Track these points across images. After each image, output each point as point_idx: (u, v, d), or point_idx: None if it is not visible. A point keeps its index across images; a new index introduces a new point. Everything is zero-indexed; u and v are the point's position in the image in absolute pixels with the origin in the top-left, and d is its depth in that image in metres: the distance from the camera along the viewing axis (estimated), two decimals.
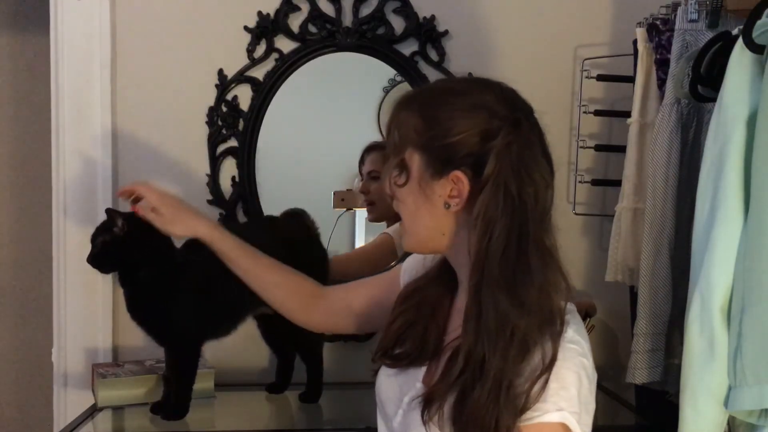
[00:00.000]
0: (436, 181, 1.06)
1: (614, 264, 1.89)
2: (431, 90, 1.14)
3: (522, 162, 1.03)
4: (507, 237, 1.01)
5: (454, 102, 1.07)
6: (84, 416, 1.77)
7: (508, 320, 0.99)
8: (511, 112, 1.06)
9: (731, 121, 1.26)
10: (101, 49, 2.03)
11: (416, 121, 1.08)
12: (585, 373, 1.02)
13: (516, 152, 1.02)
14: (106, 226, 1.63)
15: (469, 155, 1.04)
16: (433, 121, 1.06)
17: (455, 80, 1.18)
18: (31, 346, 2.71)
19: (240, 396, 1.92)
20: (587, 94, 2.11)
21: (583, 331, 1.06)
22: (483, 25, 2.14)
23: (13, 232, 2.76)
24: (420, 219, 1.10)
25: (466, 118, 1.04)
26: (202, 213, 1.50)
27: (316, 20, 2.09)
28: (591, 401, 1.03)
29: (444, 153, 1.05)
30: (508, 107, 1.07)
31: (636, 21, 1.86)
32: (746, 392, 1.18)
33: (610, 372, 2.12)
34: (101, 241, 1.63)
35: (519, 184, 1.02)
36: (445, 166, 1.05)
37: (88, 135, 2.03)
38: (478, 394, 0.98)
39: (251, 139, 2.08)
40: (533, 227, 1.03)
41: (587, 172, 2.15)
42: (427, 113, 1.07)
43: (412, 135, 1.08)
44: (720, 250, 1.24)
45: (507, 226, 1.01)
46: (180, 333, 1.67)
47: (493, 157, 1.02)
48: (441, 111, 1.06)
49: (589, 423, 1.03)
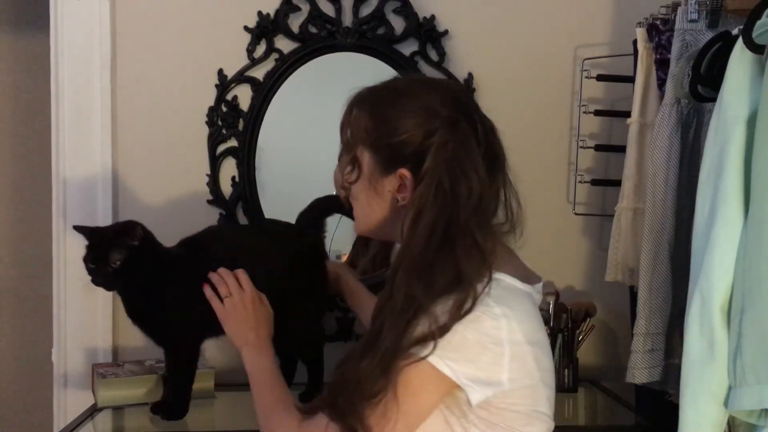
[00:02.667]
0: (385, 178, 1.15)
1: (614, 264, 1.89)
2: (382, 90, 1.20)
3: (456, 159, 1.09)
4: (432, 227, 1.08)
5: (402, 103, 1.14)
6: (84, 416, 1.77)
7: (414, 301, 1.05)
8: (454, 112, 1.12)
9: (731, 121, 1.26)
10: (101, 49, 2.03)
11: (366, 121, 1.16)
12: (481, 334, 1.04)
13: (451, 150, 1.10)
14: (114, 242, 1.57)
15: (413, 153, 1.12)
16: (381, 121, 1.14)
17: (406, 80, 1.24)
18: (31, 346, 2.71)
19: (240, 396, 1.92)
20: (587, 94, 2.11)
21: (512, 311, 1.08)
22: (483, 25, 2.15)
23: (13, 232, 2.76)
24: (371, 212, 1.19)
25: (411, 118, 1.12)
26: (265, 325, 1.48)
27: (316, 20, 2.09)
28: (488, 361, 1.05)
29: (391, 151, 1.14)
30: (451, 107, 1.13)
31: (636, 21, 1.86)
32: (746, 392, 1.18)
33: (610, 372, 2.12)
34: (118, 258, 1.56)
35: (452, 180, 1.09)
36: (393, 163, 1.14)
37: (88, 135, 2.04)
38: (365, 362, 1.05)
39: (251, 139, 2.08)
40: (464, 219, 1.08)
41: (587, 172, 2.15)
42: (377, 113, 1.16)
43: (363, 134, 1.16)
44: (720, 250, 1.24)
45: (434, 217, 1.08)
46: (177, 333, 1.66)
47: (431, 154, 1.10)
48: (389, 111, 1.14)
49: (479, 377, 1.05)
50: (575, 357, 2.00)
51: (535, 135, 2.16)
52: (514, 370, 1.07)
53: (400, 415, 1.06)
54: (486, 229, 1.11)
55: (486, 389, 1.06)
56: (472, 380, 1.05)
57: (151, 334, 1.69)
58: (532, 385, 1.10)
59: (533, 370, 1.09)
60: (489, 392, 1.06)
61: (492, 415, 1.08)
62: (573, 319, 2.00)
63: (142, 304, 1.66)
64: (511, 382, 1.07)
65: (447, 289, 1.05)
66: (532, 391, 1.10)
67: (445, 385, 1.06)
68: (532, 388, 1.10)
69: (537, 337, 1.11)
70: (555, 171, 2.18)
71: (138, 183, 2.08)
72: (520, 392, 1.09)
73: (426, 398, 1.07)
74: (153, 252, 1.63)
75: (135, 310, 1.67)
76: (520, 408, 1.09)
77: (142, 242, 1.59)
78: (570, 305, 2.02)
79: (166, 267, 1.63)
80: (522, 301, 1.12)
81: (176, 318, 1.64)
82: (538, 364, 1.10)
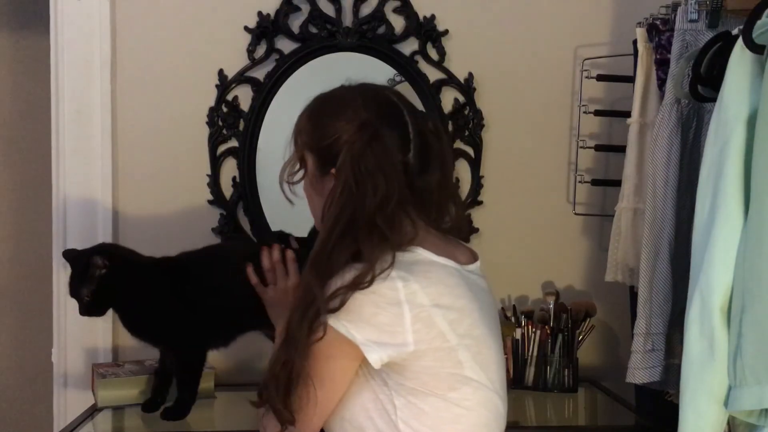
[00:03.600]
0: (324, 177, 1.22)
1: (614, 264, 1.89)
2: (323, 97, 1.28)
3: (362, 158, 1.16)
4: (335, 221, 1.15)
5: (333, 108, 1.23)
6: (84, 416, 1.77)
7: (310, 291, 1.12)
8: (373, 115, 1.19)
9: (731, 121, 1.26)
10: (101, 49, 2.03)
11: (307, 126, 1.25)
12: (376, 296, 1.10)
13: (358, 149, 1.17)
14: (83, 275, 1.59)
15: (337, 155, 1.19)
16: (317, 126, 1.23)
17: (344, 88, 1.29)
18: (31, 346, 2.71)
19: (240, 396, 1.92)
20: (587, 94, 2.11)
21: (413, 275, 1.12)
22: (483, 25, 2.15)
23: (13, 232, 2.76)
24: (318, 208, 1.25)
25: (338, 122, 1.20)
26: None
27: (316, 20, 2.09)
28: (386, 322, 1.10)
29: (324, 153, 1.22)
30: (372, 110, 1.20)
31: (636, 21, 1.86)
32: (746, 392, 1.18)
33: (610, 372, 2.12)
34: (89, 292, 1.60)
35: (357, 178, 1.15)
36: (327, 164, 1.21)
37: (88, 135, 2.04)
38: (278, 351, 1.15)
39: (252, 139, 2.08)
40: (368, 215, 1.14)
41: (587, 172, 2.15)
42: (314, 118, 1.25)
43: (306, 138, 1.25)
44: (720, 250, 1.24)
45: (338, 213, 1.15)
46: (175, 340, 1.69)
47: (342, 154, 1.18)
48: (323, 117, 1.23)
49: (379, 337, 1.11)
50: (575, 357, 2.00)
51: (535, 135, 2.16)
52: (419, 331, 1.10)
53: (317, 385, 1.13)
54: (394, 223, 1.16)
55: (386, 349, 1.10)
56: (370, 340, 1.10)
57: (153, 344, 1.73)
58: (449, 348, 1.13)
59: (447, 333, 1.12)
60: (391, 352, 1.10)
61: (408, 380, 1.12)
62: (573, 319, 2.00)
63: (134, 319, 1.69)
64: (417, 344, 1.10)
65: (341, 269, 1.12)
66: (448, 354, 1.13)
67: (348, 347, 1.11)
68: (447, 350, 1.13)
69: (452, 302, 1.14)
70: (555, 171, 2.18)
71: (138, 183, 2.08)
72: (433, 354, 1.12)
73: (336, 364, 1.14)
74: (129, 271, 1.64)
75: (130, 325, 1.70)
76: (437, 371, 1.13)
77: (110, 268, 1.61)
78: (570, 305, 2.02)
79: (148, 281, 1.65)
80: (431, 268, 1.16)
81: (170, 327, 1.66)
82: (454, 328, 1.13)
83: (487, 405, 1.18)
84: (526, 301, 2.16)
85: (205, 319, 1.65)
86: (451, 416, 1.14)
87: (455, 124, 2.14)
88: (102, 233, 2.03)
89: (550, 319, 2.00)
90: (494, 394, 1.19)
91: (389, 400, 1.14)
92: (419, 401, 1.13)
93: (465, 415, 1.15)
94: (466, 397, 1.15)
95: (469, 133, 2.14)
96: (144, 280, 1.66)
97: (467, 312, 1.16)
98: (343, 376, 1.15)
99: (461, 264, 1.22)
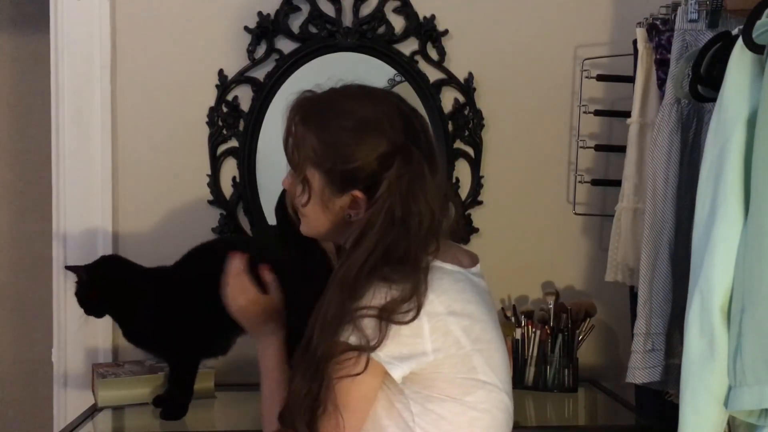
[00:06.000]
0: (337, 197, 1.17)
1: (614, 264, 1.89)
2: (324, 107, 1.19)
3: (411, 192, 1.12)
4: (372, 250, 1.11)
5: (350, 126, 1.15)
6: (84, 416, 1.77)
7: (343, 313, 1.09)
8: (403, 134, 1.15)
9: (731, 121, 1.26)
10: (101, 49, 2.03)
11: (314, 143, 1.16)
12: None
13: (406, 184, 1.12)
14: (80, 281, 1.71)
15: (367, 177, 1.14)
16: (331, 147, 1.15)
17: (347, 95, 1.20)
18: (31, 346, 2.70)
19: (240, 396, 1.92)
20: (587, 94, 2.11)
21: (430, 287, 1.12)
22: (483, 25, 2.15)
23: (13, 232, 2.76)
24: (320, 224, 1.21)
25: (362, 143, 1.14)
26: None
27: (316, 20, 2.09)
28: (408, 334, 1.09)
29: (345, 176, 1.16)
30: (399, 128, 1.15)
31: (636, 21, 1.86)
32: (746, 392, 1.18)
33: (610, 372, 2.12)
34: (78, 294, 1.70)
35: (404, 211, 1.12)
36: (346, 186, 1.16)
37: (88, 135, 2.04)
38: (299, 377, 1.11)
39: (252, 139, 2.08)
40: (410, 246, 1.12)
41: (587, 172, 2.15)
42: (324, 137, 1.16)
43: (312, 155, 1.17)
44: (720, 250, 1.24)
45: (376, 241, 1.11)
46: (176, 350, 1.70)
47: (386, 184, 1.12)
48: (337, 136, 1.15)
49: (401, 352, 1.10)
50: (575, 357, 2.00)
51: (535, 135, 2.16)
52: (437, 340, 1.11)
53: (342, 409, 1.10)
54: (428, 248, 1.15)
55: (409, 363, 1.10)
56: (394, 357, 1.09)
57: (152, 353, 1.77)
58: (463, 354, 1.13)
59: (461, 339, 1.13)
60: (412, 365, 1.10)
61: (424, 387, 1.13)
62: (573, 319, 2.00)
63: (127, 329, 1.74)
64: (435, 353, 1.11)
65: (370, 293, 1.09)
66: (462, 360, 1.13)
67: (371, 365, 1.10)
68: (462, 357, 1.13)
69: (463, 308, 1.15)
70: (555, 171, 2.18)
71: (138, 183, 2.08)
72: (449, 361, 1.12)
73: (361, 384, 1.11)
74: (111, 284, 1.70)
75: (127, 334, 1.74)
76: (453, 377, 1.13)
77: (91, 278, 1.69)
78: (570, 305, 2.02)
79: (138, 291, 1.69)
80: (443, 276, 1.15)
81: (162, 336, 1.68)
82: (468, 334, 1.13)
83: (500, 406, 1.19)
84: (526, 301, 2.16)
85: (196, 329, 1.65)
86: (467, 419, 1.15)
87: (455, 124, 2.14)
88: (102, 233, 2.03)
89: (550, 319, 2.00)
90: (505, 395, 1.20)
91: (406, 408, 1.14)
92: (436, 407, 1.14)
93: (480, 418, 1.15)
94: (481, 400, 1.15)
95: (469, 133, 2.14)
96: (131, 292, 1.70)
97: (477, 316, 1.17)
98: (368, 393, 1.14)
99: (465, 268, 1.22)
